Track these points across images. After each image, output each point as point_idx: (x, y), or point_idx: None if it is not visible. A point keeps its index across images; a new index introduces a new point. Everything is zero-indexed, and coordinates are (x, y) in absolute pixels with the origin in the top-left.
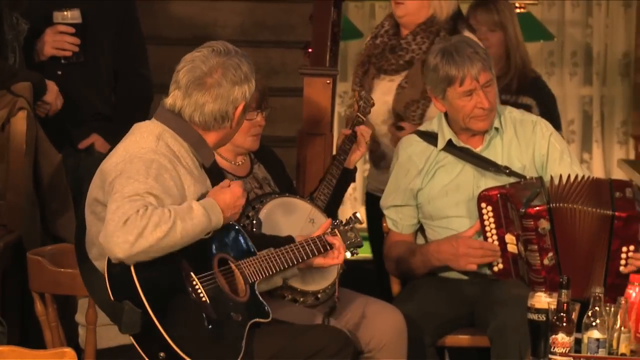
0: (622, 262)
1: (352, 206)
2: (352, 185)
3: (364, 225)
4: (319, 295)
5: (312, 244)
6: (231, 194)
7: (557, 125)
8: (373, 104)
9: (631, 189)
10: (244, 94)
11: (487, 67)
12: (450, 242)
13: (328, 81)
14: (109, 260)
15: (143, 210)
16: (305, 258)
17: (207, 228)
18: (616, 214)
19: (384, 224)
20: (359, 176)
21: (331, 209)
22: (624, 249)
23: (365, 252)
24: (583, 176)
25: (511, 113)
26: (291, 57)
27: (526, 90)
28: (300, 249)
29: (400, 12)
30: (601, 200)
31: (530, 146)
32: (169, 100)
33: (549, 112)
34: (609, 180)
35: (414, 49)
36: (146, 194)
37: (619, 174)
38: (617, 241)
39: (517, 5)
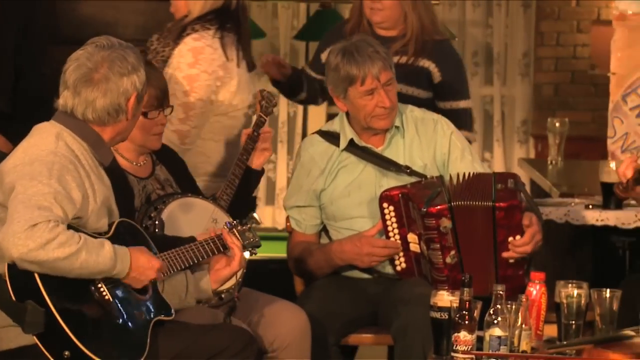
0: (510, 253)
1: (258, 206)
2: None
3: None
4: (223, 295)
5: (211, 243)
6: (148, 261)
7: (461, 91)
8: (275, 104)
9: (514, 180)
10: (134, 84)
11: (388, 66)
12: (354, 242)
13: None
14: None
15: (55, 223)
16: (205, 257)
17: (107, 272)
18: (496, 204)
19: (287, 224)
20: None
21: (236, 209)
22: (510, 238)
23: (268, 252)
24: (471, 172)
25: (412, 112)
26: None
27: (426, 53)
28: (200, 248)
29: None
30: (484, 193)
31: (431, 145)
32: (60, 101)
33: (452, 75)
34: (492, 174)
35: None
36: (53, 202)
37: (519, 173)
38: (502, 232)
39: None
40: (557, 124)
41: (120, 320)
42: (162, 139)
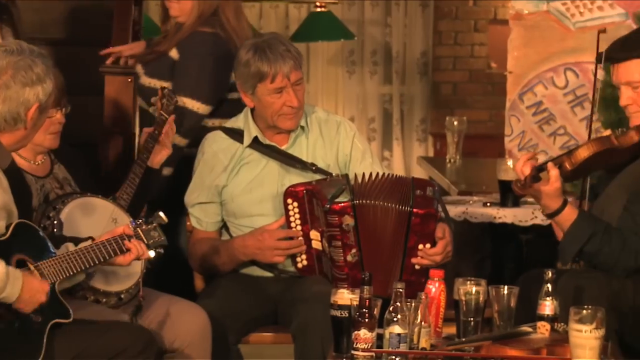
0: (418, 259)
1: None
2: None
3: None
4: (122, 296)
5: (113, 243)
6: (39, 284)
7: (189, 87)
8: (176, 102)
9: (432, 188)
10: (36, 95)
11: (298, 66)
12: (256, 236)
13: (129, 79)
14: None
15: None
16: (107, 258)
17: None
18: (414, 210)
19: (188, 222)
20: None
21: (136, 208)
22: (420, 246)
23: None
24: (385, 174)
25: (316, 113)
26: (92, 55)
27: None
28: (102, 248)
29: None
30: (402, 197)
31: (334, 146)
32: None
33: (184, 69)
34: (412, 179)
35: None
36: None
37: (418, 171)
38: (413, 238)
39: (317, 4)
40: (456, 123)
41: (16, 323)
42: (59, 138)
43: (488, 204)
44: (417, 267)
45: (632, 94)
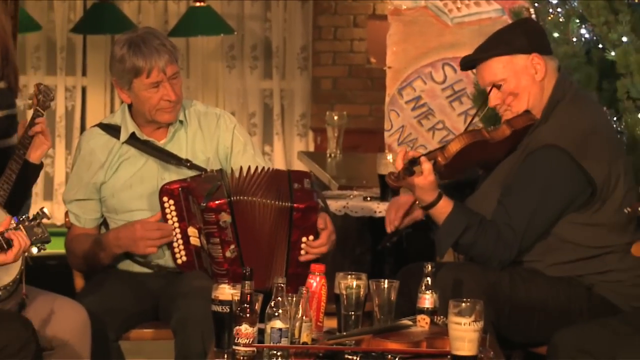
0: (302, 252)
1: (36, 201)
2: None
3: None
4: (0, 293)
5: None
6: None
7: None
8: (53, 98)
9: (309, 180)
10: None
11: (174, 60)
12: (128, 228)
13: None
14: None
15: None
16: None
17: None
18: (295, 205)
19: (66, 219)
20: None
21: (15, 204)
22: (304, 239)
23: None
24: (263, 168)
25: (195, 106)
26: None
27: None
28: None
29: None
30: (280, 191)
31: (214, 139)
32: None
33: None
34: (288, 172)
35: None
36: None
37: (299, 166)
38: (296, 232)
39: None
40: (336, 117)
41: None
42: None
43: (368, 198)
44: (301, 259)
45: (499, 94)
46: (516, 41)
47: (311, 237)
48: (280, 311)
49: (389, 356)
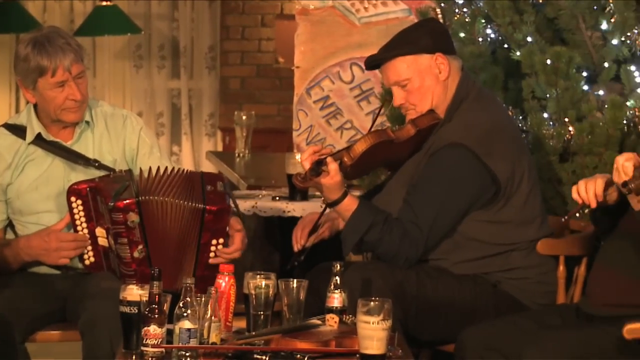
0: (212, 254)
1: None
2: None
3: None
4: None
5: None
6: None
7: None
8: None
9: (222, 182)
10: None
11: (80, 59)
12: (42, 237)
13: None
14: None
15: None
16: None
17: None
18: (207, 207)
19: None
20: None
21: None
22: (214, 241)
23: None
24: (174, 169)
25: (102, 107)
26: None
27: None
28: None
29: None
30: (193, 193)
31: (120, 140)
32: None
33: None
34: (201, 174)
35: None
36: None
37: (207, 166)
38: (207, 234)
39: None
40: (244, 117)
41: None
42: None
43: (277, 198)
44: (210, 262)
45: (403, 93)
46: (420, 41)
47: (221, 240)
48: (189, 311)
49: (298, 355)
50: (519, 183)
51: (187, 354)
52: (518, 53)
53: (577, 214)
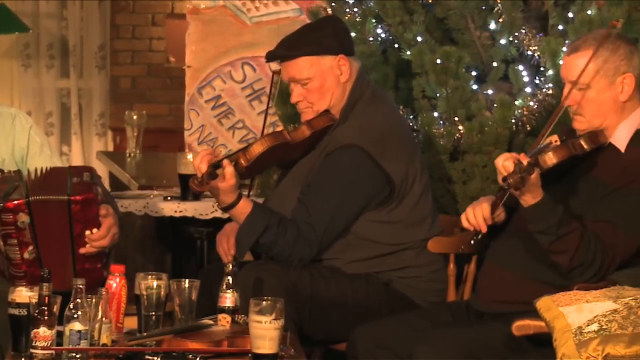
0: (86, 247)
1: None
2: None
3: None
4: None
5: None
6: None
7: None
8: None
9: (90, 173)
10: None
11: None
12: None
13: None
14: None
15: None
16: None
17: None
18: (72, 198)
19: None
20: None
21: None
22: (87, 232)
23: None
24: (52, 167)
25: None
26: None
27: None
28: None
29: None
30: (59, 187)
31: (9, 139)
32: None
33: None
34: (68, 167)
35: None
36: None
37: (98, 166)
38: (78, 226)
39: None
40: (135, 117)
41: None
42: None
43: (169, 198)
44: (81, 251)
45: (302, 91)
46: (326, 42)
47: (95, 230)
48: (79, 313)
49: (190, 356)
50: (412, 184)
51: (78, 356)
52: (408, 53)
53: (472, 242)
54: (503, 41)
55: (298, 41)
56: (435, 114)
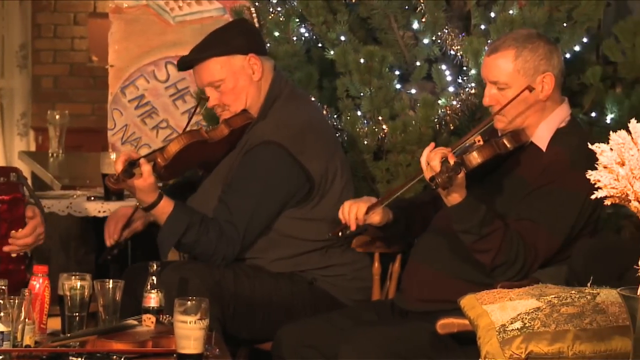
0: (10, 246)
1: None
2: None
3: None
4: None
5: None
6: None
7: None
8: None
9: (16, 174)
10: None
11: None
12: None
13: None
14: None
15: None
16: None
17: None
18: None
19: None
20: None
21: None
22: (13, 232)
23: None
24: None
25: None
26: None
27: None
28: None
29: None
30: None
31: None
32: None
33: None
34: None
35: None
36: None
37: (20, 166)
38: (4, 225)
39: None
40: (57, 117)
41: None
42: None
43: (92, 198)
44: (13, 255)
45: (217, 95)
46: (233, 41)
47: (20, 231)
48: (1, 314)
49: (115, 357)
50: (332, 181)
51: (0, 358)
52: (332, 52)
53: (340, 234)
54: (426, 41)
55: (206, 44)
56: (359, 114)
